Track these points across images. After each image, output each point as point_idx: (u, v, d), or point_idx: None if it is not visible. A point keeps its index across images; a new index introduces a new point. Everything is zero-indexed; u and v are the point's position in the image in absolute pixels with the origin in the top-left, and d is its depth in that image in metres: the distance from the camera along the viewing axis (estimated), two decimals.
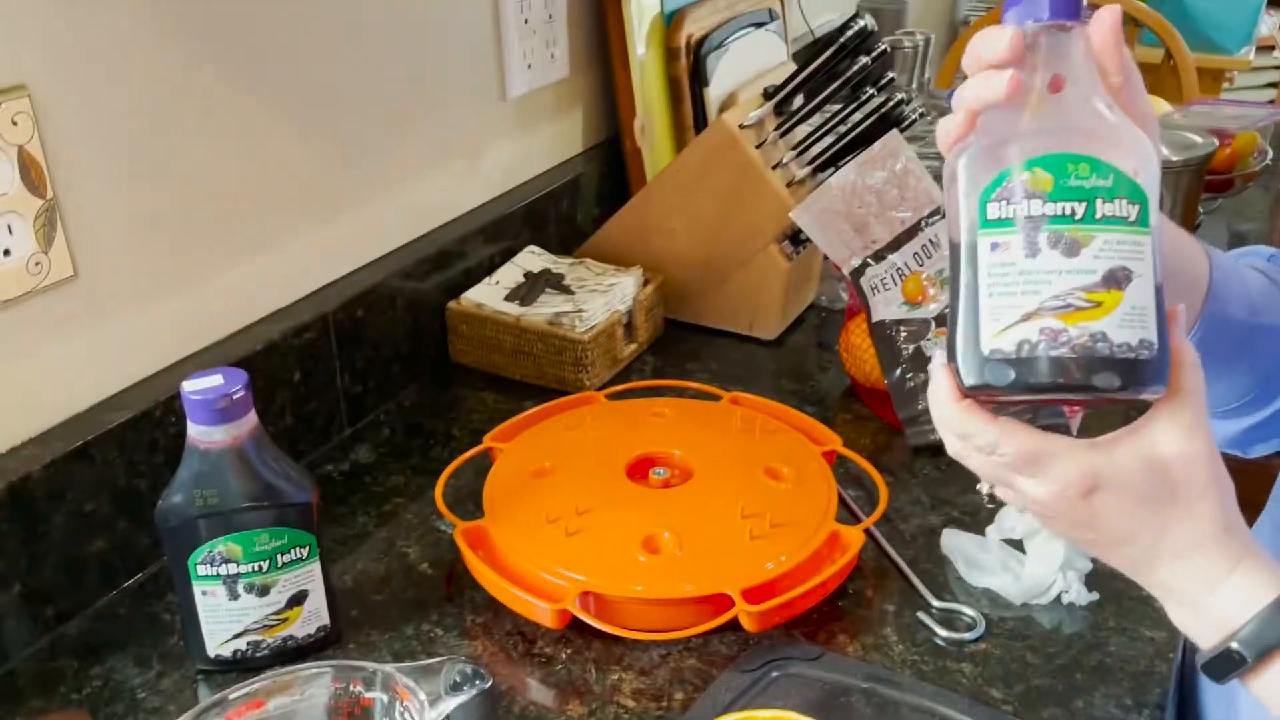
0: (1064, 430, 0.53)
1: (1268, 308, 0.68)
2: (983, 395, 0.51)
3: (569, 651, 0.76)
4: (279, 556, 0.71)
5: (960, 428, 0.53)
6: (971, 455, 0.54)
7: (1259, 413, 0.72)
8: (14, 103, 0.72)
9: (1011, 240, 0.49)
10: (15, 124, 0.72)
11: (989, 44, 0.52)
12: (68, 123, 0.76)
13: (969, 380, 0.50)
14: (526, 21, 1.19)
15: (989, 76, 0.51)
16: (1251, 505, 0.63)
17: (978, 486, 0.57)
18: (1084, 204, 0.49)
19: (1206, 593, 0.52)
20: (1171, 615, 0.55)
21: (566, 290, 1.13)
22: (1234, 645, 0.51)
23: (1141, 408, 0.52)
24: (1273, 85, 3.05)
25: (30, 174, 0.74)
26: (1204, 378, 0.65)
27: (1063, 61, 0.51)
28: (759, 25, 1.43)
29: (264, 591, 0.72)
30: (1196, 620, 0.54)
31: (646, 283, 1.16)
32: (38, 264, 0.76)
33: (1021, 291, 0.49)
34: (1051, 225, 0.49)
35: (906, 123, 1.11)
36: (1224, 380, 0.70)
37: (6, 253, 0.74)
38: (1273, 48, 2.94)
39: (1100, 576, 0.82)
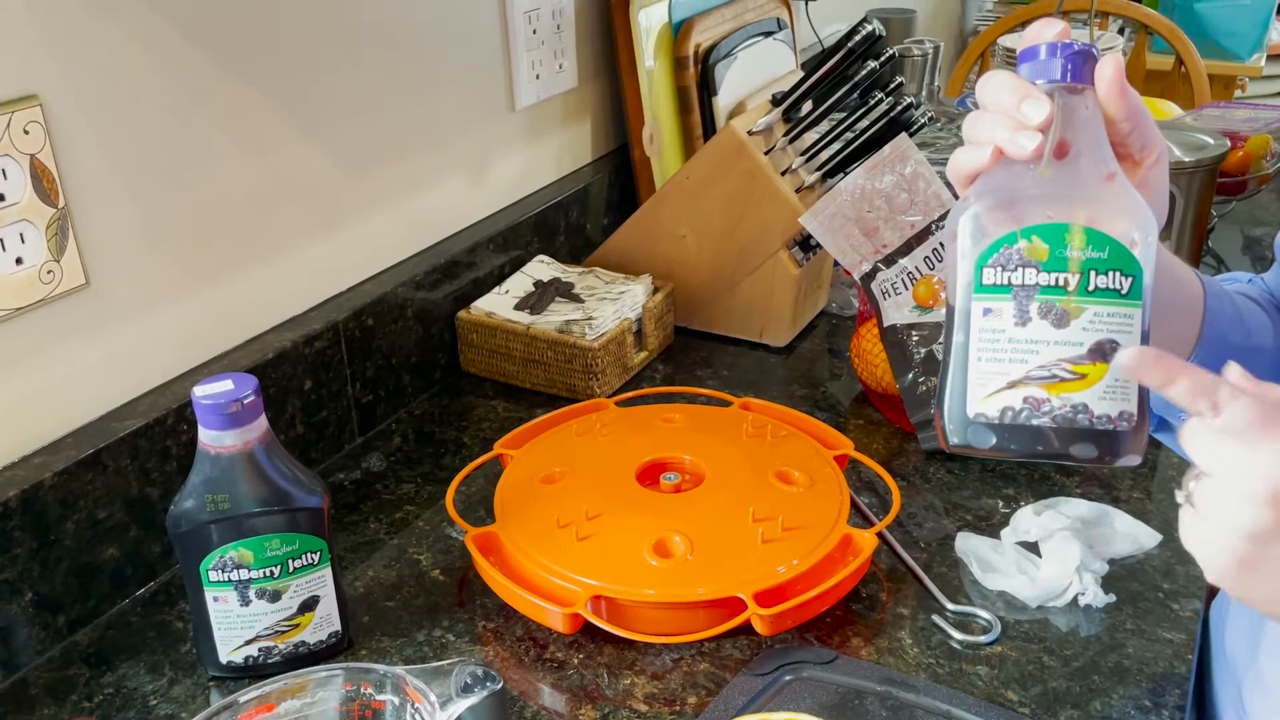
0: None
1: (1258, 330, 0.69)
2: (964, 452, 0.52)
3: (581, 656, 0.76)
4: (290, 562, 0.71)
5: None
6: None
7: None
8: (25, 112, 0.73)
9: (1004, 307, 0.50)
10: (27, 133, 0.73)
11: (1024, 100, 0.51)
12: (79, 132, 0.77)
13: (953, 439, 0.52)
14: (535, 32, 1.20)
15: (1020, 132, 0.50)
16: None
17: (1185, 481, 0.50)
18: (1078, 276, 0.49)
19: None
20: None
21: (576, 298, 1.13)
22: None
23: (1116, 471, 0.52)
24: None
25: (42, 183, 0.74)
26: None
27: (1072, 125, 0.51)
28: (767, 34, 1.43)
29: (275, 597, 0.72)
30: None
31: (656, 290, 1.16)
32: (50, 273, 0.76)
33: (1009, 359, 0.50)
34: (1044, 295, 0.49)
35: (915, 126, 1.11)
36: None
37: (19, 261, 0.74)
38: None
39: (1116, 578, 0.81)
